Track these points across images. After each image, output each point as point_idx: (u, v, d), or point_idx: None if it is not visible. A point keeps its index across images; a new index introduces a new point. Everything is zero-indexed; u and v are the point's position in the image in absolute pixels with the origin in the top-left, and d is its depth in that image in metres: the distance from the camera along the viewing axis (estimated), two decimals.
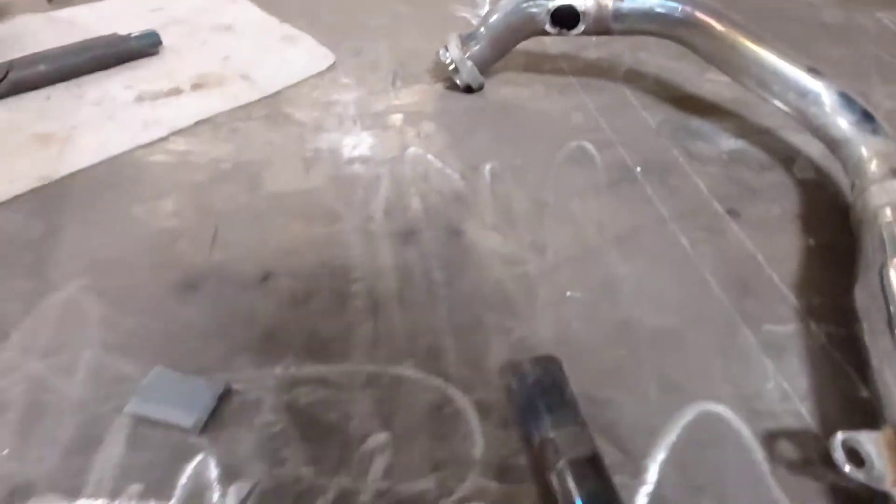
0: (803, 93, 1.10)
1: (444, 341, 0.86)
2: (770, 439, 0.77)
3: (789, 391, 0.83)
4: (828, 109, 1.08)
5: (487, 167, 1.17)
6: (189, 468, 0.71)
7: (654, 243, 1.03)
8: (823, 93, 1.08)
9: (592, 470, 0.67)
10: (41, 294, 0.88)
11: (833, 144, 1.07)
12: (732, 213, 1.10)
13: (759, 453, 0.76)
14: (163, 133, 1.16)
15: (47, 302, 0.87)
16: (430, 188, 1.11)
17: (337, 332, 0.86)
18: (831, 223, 1.07)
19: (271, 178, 1.10)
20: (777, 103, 1.13)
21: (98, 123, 1.16)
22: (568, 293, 0.94)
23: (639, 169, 1.19)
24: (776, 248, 1.03)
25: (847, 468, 0.66)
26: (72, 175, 1.07)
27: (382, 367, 0.82)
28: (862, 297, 0.81)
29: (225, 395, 0.77)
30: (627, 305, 0.92)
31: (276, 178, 1.10)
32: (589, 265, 0.99)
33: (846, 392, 0.81)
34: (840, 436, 0.67)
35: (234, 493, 0.69)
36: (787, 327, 0.91)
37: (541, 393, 0.74)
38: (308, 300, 0.90)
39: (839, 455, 0.66)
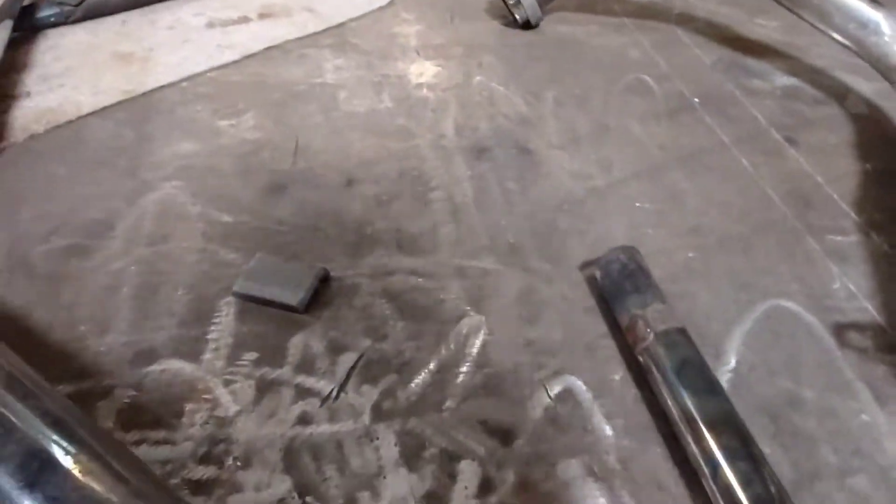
0: (864, 23, 1.11)
1: (524, 240, 0.90)
2: (839, 330, 0.81)
3: (855, 291, 0.86)
4: (888, 38, 1.09)
5: (550, 95, 1.19)
6: (297, 340, 0.75)
7: (716, 163, 1.06)
8: (883, 22, 1.10)
9: (682, 339, 0.71)
10: (140, 193, 0.92)
11: (892, 73, 1.09)
12: (790, 140, 1.13)
13: (829, 342, 0.80)
14: (236, 56, 1.19)
15: (146, 199, 0.91)
16: (496, 111, 1.14)
17: (421, 231, 0.90)
18: (886, 152, 1.10)
19: (344, 98, 1.14)
20: (836, 36, 1.15)
21: (174, 45, 1.20)
22: (637, 204, 0.97)
23: (696, 100, 1.21)
24: (834, 171, 1.06)
25: None
26: (155, 90, 1.11)
27: (468, 260, 0.86)
28: None
29: (324, 280, 0.81)
30: (695, 214, 0.96)
31: (349, 100, 1.13)
32: (655, 180, 1.02)
33: None
34: None
35: (343, 362, 0.73)
36: (849, 238, 0.94)
37: (627, 276, 0.78)
38: (391, 203, 0.94)
39: None
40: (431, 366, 0.74)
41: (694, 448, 0.65)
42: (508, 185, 0.99)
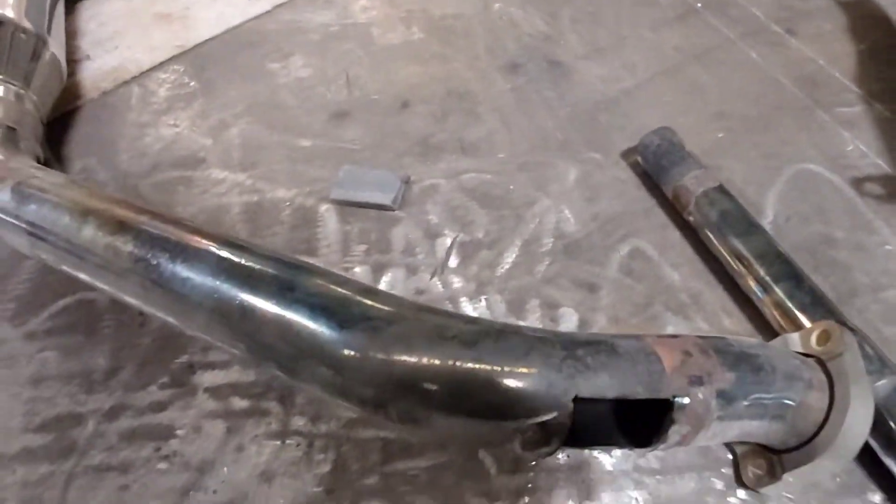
0: None
1: (571, 136, 1.00)
2: (857, 182, 0.93)
3: (867, 151, 0.98)
4: None
5: (566, 13, 1.28)
6: (397, 232, 0.86)
7: (727, 58, 1.16)
8: None
9: (721, 195, 0.82)
10: (219, 129, 1.01)
11: None
12: (790, 31, 1.23)
13: (850, 193, 0.92)
14: (267, 7, 1.26)
15: (228, 133, 1.00)
16: (520, 32, 1.23)
17: (479, 137, 1.00)
18: (876, 32, 1.21)
19: (378, 34, 1.21)
20: None
21: (206, 3, 1.26)
22: (664, 98, 1.07)
23: (699, 4, 1.30)
24: (833, 53, 1.16)
25: None
26: (202, 44, 1.17)
27: (526, 156, 0.97)
28: None
29: (406, 183, 0.90)
30: (716, 102, 1.06)
31: (382, 35, 1.21)
32: (677, 77, 1.12)
33: None
34: None
35: (440, 245, 0.84)
36: (854, 108, 1.05)
37: (664, 153, 0.89)
38: (446, 117, 1.03)
39: None
40: (517, 242, 0.85)
41: (747, 279, 0.76)
42: (546, 93, 1.08)
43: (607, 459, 0.65)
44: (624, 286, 0.80)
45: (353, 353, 0.44)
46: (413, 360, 0.43)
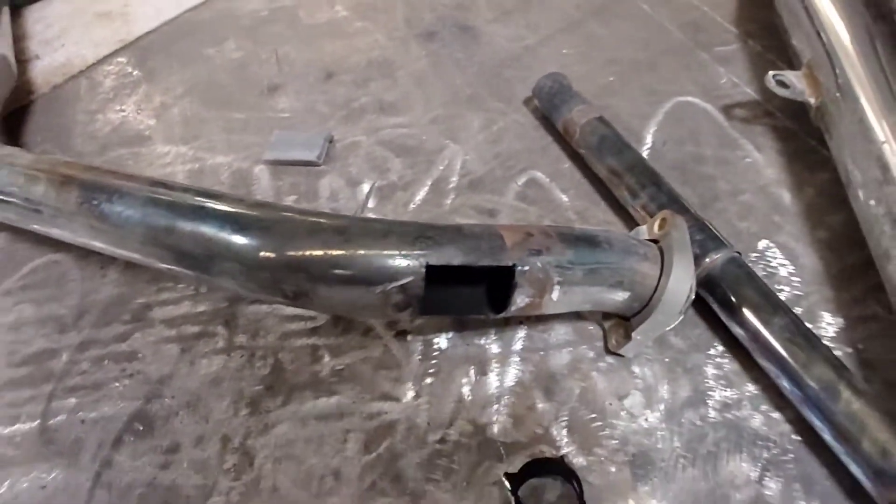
0: None
1: (479, 90, 1.13)
2: (727, 108, 1.07)
3: (738, 81, 1.12)
4: None
5: None
6: (323, 182, 0.98)
7: (622, 11, 1.29)
8: None
9: (601, 124, 0.95)
10: (161, 110, 1.12)
11: None
12: None
13: (720, 118, 1.06)
14: None
15: (169, 113, 1.12)
16: (436, 3, 1.35)
17: (396, 98, 1.12)
18: None
19: (305, 15, 1.33)
20: None
21: None
22: (563, 51, 1.20)
23: None
24: (715, 0, 1.30)
25: (779, 90, 0.94)
26: (142, 36, 1.29)
27: (437, 111, 1.09)
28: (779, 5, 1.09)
29: (330, 141, 1.03)
30: (610, 51, 1.20)
31: (309, 15, 1.33)
32: (575, 32, 1.25)
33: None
34: (771, 73, 0.95)
35: (362, 190, 0.97)
36: (731, 47, 1.19)
37: (555, 94, 1.02)
38: (367, 83, 1.16)
39: (771, 83, 0.94)
40: (428, 182, 0.98)
41: (621, 190, 0.90)
42: (457, 55, 1.21)
43: (498, 344, 0.78)
44: (519, 210, 0.94)
45: (252, 248, 0.57)
46: (298, 247, 0.56)
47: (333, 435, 0.71)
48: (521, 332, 0.79)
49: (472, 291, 0.66)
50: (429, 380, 0.75)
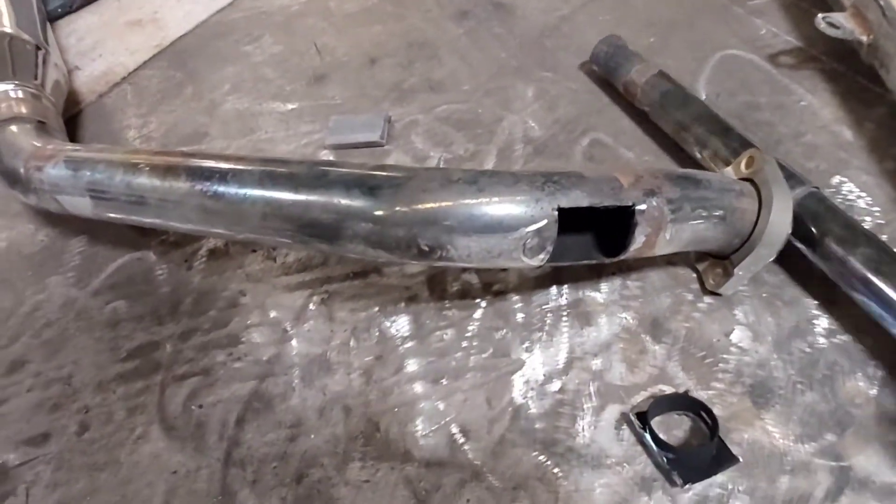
0: None
1: (524, 61, 1.15)
2: (773, 57, 1.09)
3: (777, 31, 1.14)
4: None
5: None
6: (391, 160, 1.00)
7: None
8: None
9: (663, 79, 0.97)
10: (213, 107, 1.13)
11: None
12: None
13: (768, 67, 1.08)
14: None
15: (221, 110, 1.13)
16: None
17: (443, 76, 1.14)
18: None
19: (335, 6, 1.34)
20: None
21: (172, 4, 1.37)
22: (599, 17, 1.22)
23: None
24: None
25: (830, 31, 0.96)
26: (178, 40, 1.30)
27: (487, 84, 1.11)
28: None
29: (388, 121, 1.04)
30: (646, 13, 1.22)
31: (339, 6, 1.34)
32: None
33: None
34: (820, 15, 0.98)
35: (429, 165, 0.98)
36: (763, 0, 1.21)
37: (613, 55, 1.04)
38: (412, 64, 1.17)
39: (822, 25, 0.97)
40: (494, 151, 1.00)
41: (688, 142, 0.92)
42: (496, 30, 1.23)
43: (598, 295, 0.80)
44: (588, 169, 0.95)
45: (386, 206, 0.58)
46: (431, 200, 0.57)
47: (453, 395, 0.73)
48: (618, 282, 0.81)
49: (590, 237, 0.67)
50: (536, 334, 0.77)
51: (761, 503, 0.62)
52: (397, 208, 0.57)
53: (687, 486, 0.63)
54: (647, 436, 0.65)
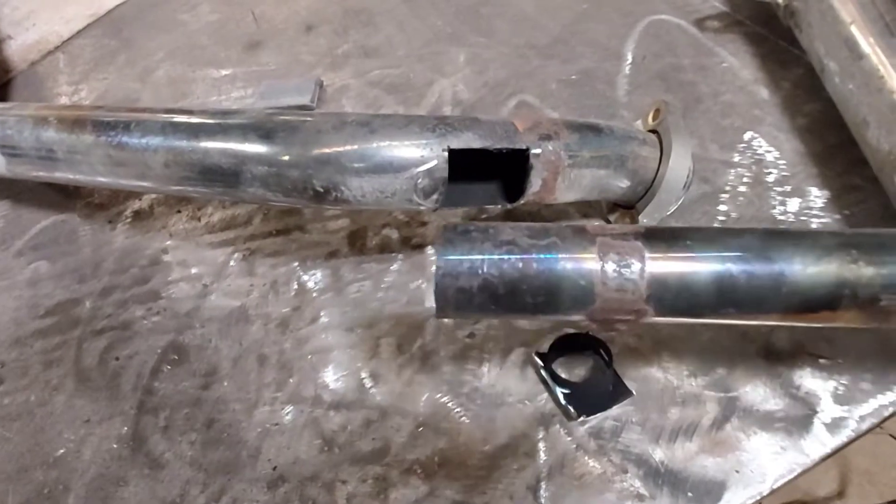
0: None
1: (459, 28, 1.17)
2: (699, 21, 1.12)
3: None
4: None
5: None
6: None
7: None
8: None
9: None
10: (146, 74, 1.13)
11: None
12: None
13: (694, 31, 1.11)
14: None
15: (154, 76, 1.13)
16: None
17: (378, 43, 1.16)
18: None
19: None
20: None
21: None
22: None
23: None
24: None
25: None
26: (114, 9, 1.29)
27: (421, 50, 1.12)
28: None
29: (320, 86, 1.05)
30: None
31: None
32: None
33: None
34: None
35: None
36: None
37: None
38: (347, 32, 1.19)
39: None
40: (422, 113, 1.01)
41: None
42: None
43: None
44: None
45: (281, 150, 0.60)
46: (325, 142, 0.59)
47: (366, 342, 0.74)
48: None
49: (488, 183, 0.69)
50: None
51: (652, 433, 0.65)
52: (292, 151, 0.59)
53: (581, 418, 0.65)
54: (546, 373, 0.68)
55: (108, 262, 0.85)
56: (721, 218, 0.83)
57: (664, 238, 0.47)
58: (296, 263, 0.83)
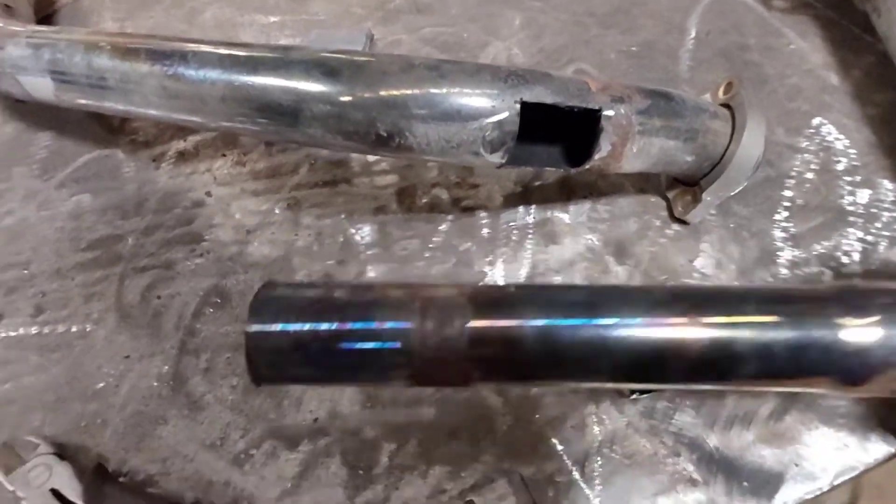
0: None
1: None
2: (766, 0, 1.06)
3: None
4: None
5: None
6: None
7: None
8: None
9: None
10: (192, 15, 1.10)
11: None
12: None
13: (761, 9, 1.06)
14: None
15: (202, 18, 1.09)
16: None
17: (431, 0, 1.10)
18: None
19: None
20: None
21: None
22: None
23: None
24: None
25: None
26: None
27: (474, 10, 1.08)
28: None
29: (371, 39, 1.01)
30: None
31: None
32: None
33: None
34: None
35: None
36: None
37: None
38: None
39: None
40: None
41: None
42: None
43: (566, 216, 0.79)
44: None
45: (346, 89, 0.57)
46: (392, 84, 0.56)
47: None
48: (586, 205, 0.81)
49: (550, 146, 0.66)
50: (501, 249, 0.76)
51: (707, 418, 0.62)
52: (357, 91, 0.56)
53: (634, 396, 0.63)
54: None
55: (152, 201, 0.83)
56: (786, 204, 0.80)
57: (490, 295, 0.44)
58: (342, 216, 0.80)
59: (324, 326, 0.41)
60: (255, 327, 0.41)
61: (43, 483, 0.57)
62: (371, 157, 0.87)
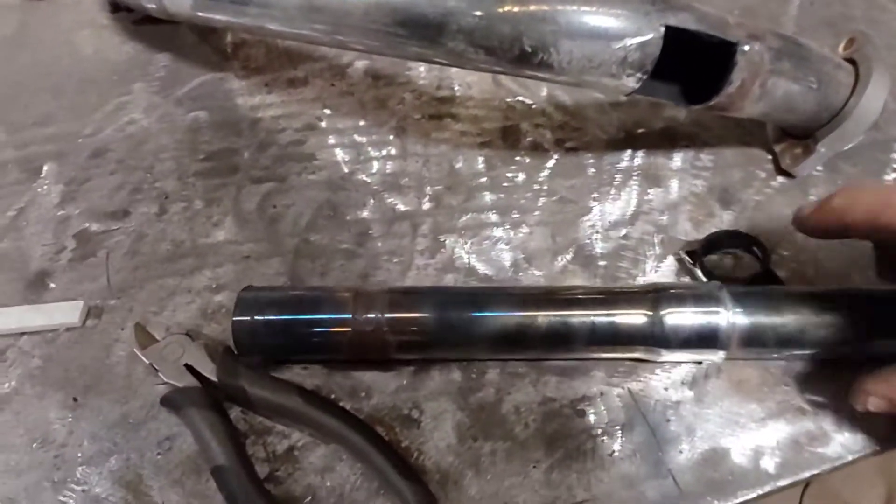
0: None
1: None
2: None
3: None
4: None
5: None
6: None
7: None
8: None
9: None
10: None
11: None
12: None
13: None
14: None
15: None
16: None
17: None
18: None
19: None
20: None
21: None
22: None
23: None
24: None
25: None
26: None
27: None
28: None
29: None
30: None
31: None
32: None
33: None
34: None
35: None
36: None
37: None
38: None
39: None
40: None
41: None
42: None
43: (670, 162, 0.80)
44: None
45: (495, 1, 0.58)
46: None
47: (520, 226, 0.74)
48: (691, 153, 0.81)
49: (672, 84, 0.67)
50: (605, 188, 0.77)
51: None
52: (508, 4, 0.57)
53: None
54: (698, 270, 0.66)
55: (265, 121, 0.85)
56: (895, 166, 0.79)
57: (403, 294, 0.62)
58: (448, 147, 0.82)
59: (286, 317, 0.59)
60: (238, 318, 0.59)
61: (178, 358, 0.59)
62: (477, 95, 0.89)
